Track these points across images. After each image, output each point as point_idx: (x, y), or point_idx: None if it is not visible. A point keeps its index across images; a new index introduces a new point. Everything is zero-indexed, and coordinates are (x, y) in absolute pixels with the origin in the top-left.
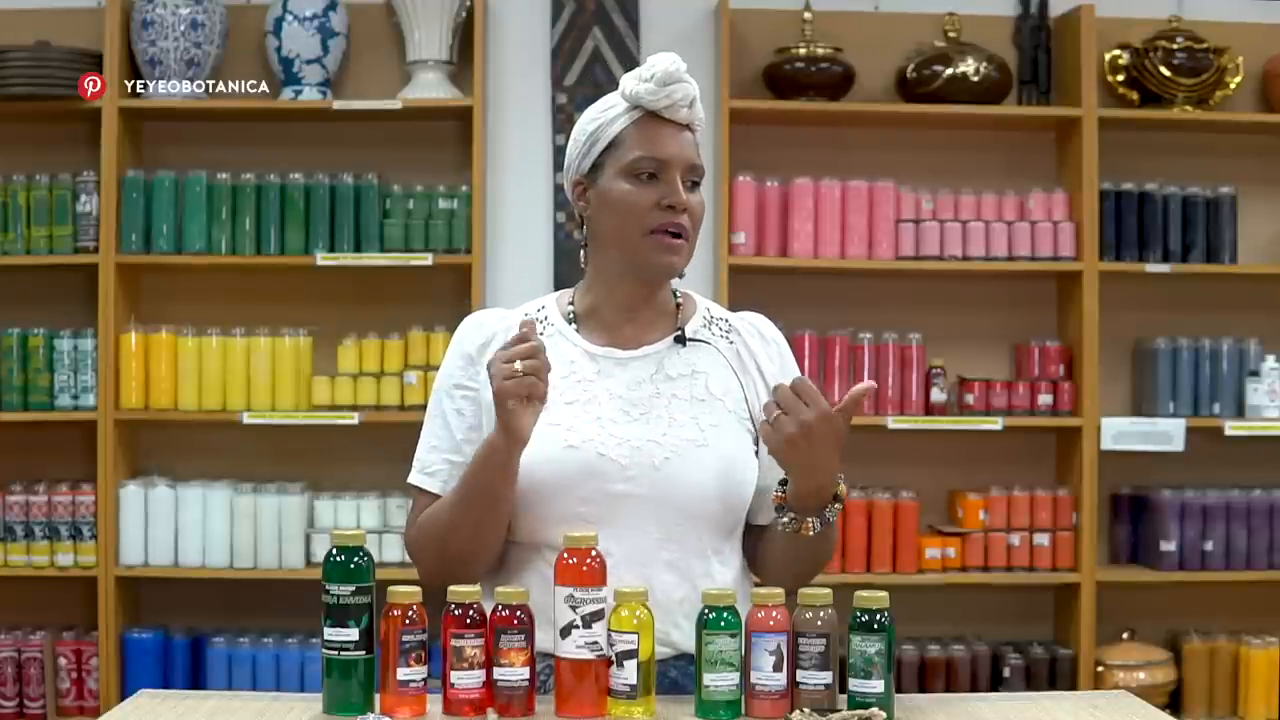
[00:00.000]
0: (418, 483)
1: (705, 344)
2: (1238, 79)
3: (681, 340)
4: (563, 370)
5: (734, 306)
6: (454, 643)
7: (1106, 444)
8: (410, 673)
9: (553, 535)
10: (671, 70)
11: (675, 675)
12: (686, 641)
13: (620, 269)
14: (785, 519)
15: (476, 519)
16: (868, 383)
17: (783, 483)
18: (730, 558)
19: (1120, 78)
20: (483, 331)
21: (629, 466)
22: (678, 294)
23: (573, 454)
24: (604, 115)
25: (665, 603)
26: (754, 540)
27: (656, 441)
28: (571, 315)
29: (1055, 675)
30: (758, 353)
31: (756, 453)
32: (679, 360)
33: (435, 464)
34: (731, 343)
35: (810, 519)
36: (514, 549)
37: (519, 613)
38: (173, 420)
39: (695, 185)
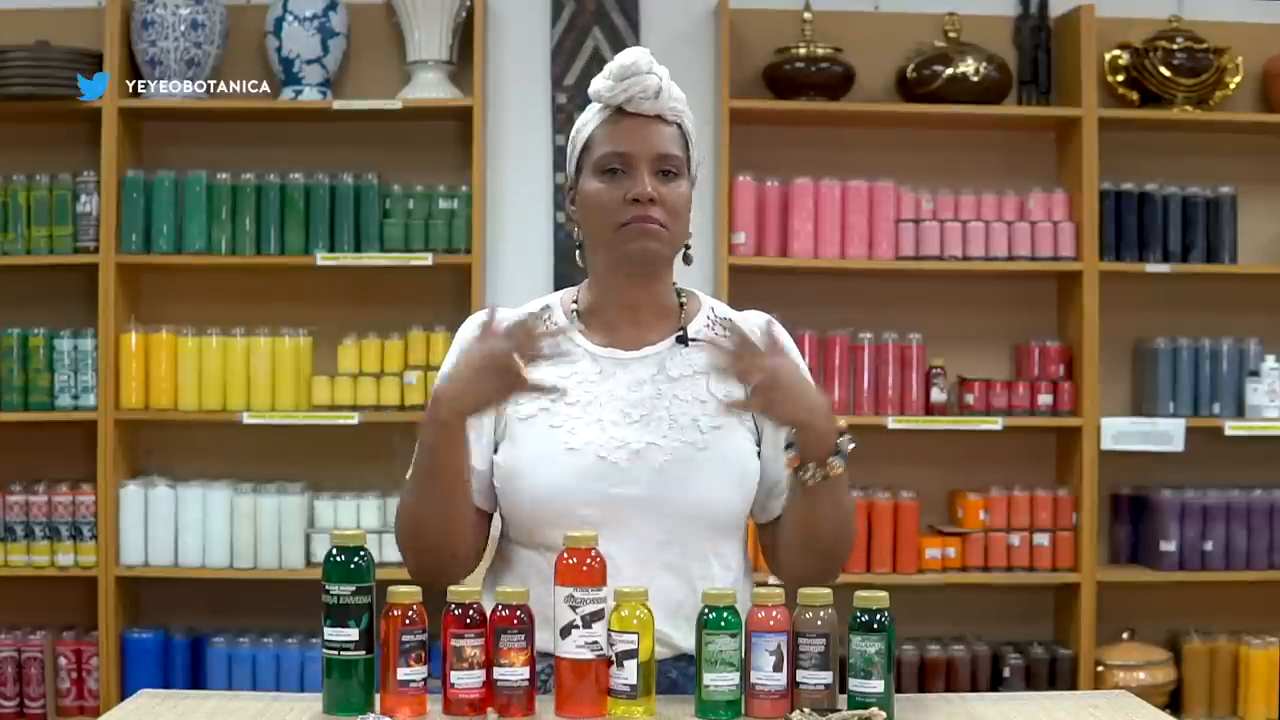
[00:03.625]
0: None
1: (708, 344)
2: (1238, 79)
3: (684, 341)
4: (564, 370)
5: (735, 306)
6: (454, 643)
7: (1106, 444)
8: (410, 673)
9: (552, 536)
10: (628, 64)
11: (675, 676)
12: (686, 642)
13: (608, 267)
14: (809, 473)
15: (442, 501)
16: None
17: (788, 446)
18: (731, 560)
19: (1120, 78)
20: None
21: (629, 469)
22: (682, 293)
23: (573, 456)
24: (583, 119)
25: (665, 604)
26: (769, 536)
27: (656, 444)
28: (575, 314)
29: (1055, 675)
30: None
31: (759, 454)
32: (681, 361)
33: None
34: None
35: (831, 459)
36: (514, 549)
37: (519, 613)
38: (173, 420)
39: (671, 175)
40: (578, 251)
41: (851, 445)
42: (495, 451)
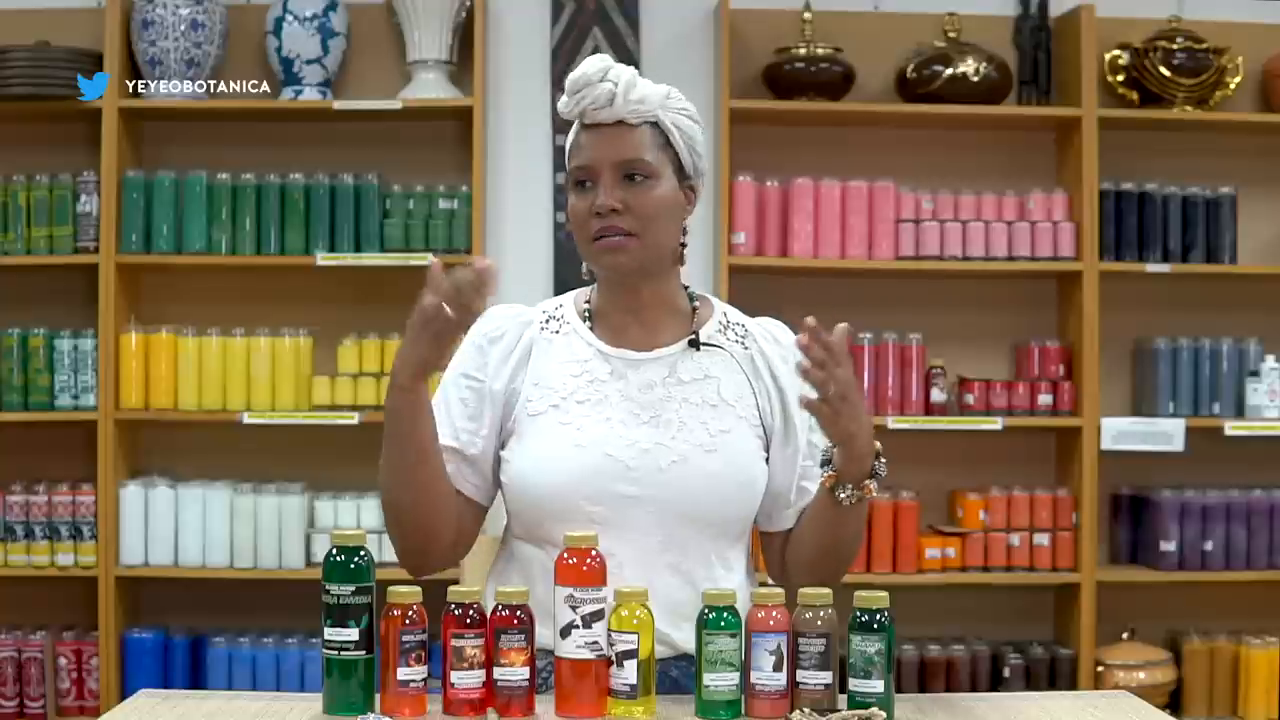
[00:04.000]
0: None
1: (719, 349)
2: (1238, 79)
3: (695, 344)
4: (575, 369)
5: (735, 306)
6: (454, 643)
7: (1106, 444)
8: (410, 673)
9: (557, 533)
10: (577, 76)
11: (676, 675)
12: (687, 642)
13: (600, 276)
14: (845, 492)
15: (410, 471)
16: (842, 326)
17: (824, 463)
18: (735, 564)
19: (1120, 78)
20: (494, 324)
21: (635, 468)
22: (695, 297)
23: (580, 453)
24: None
25: (667, 604)
26: (778, 546)
27: (665, 445)
28: (587, 314)
29: (1055, 675)
30: (772, 358)
31: (767, 460)
32: (692, 364)
33: None
34: (746, 348)
35: (867, 481)
36: (519, 546)
37: (519, 613)
38: (173, 420)
39: (639, 178)
40: (584, 263)
41: (885, 469)
42: (503, 447)
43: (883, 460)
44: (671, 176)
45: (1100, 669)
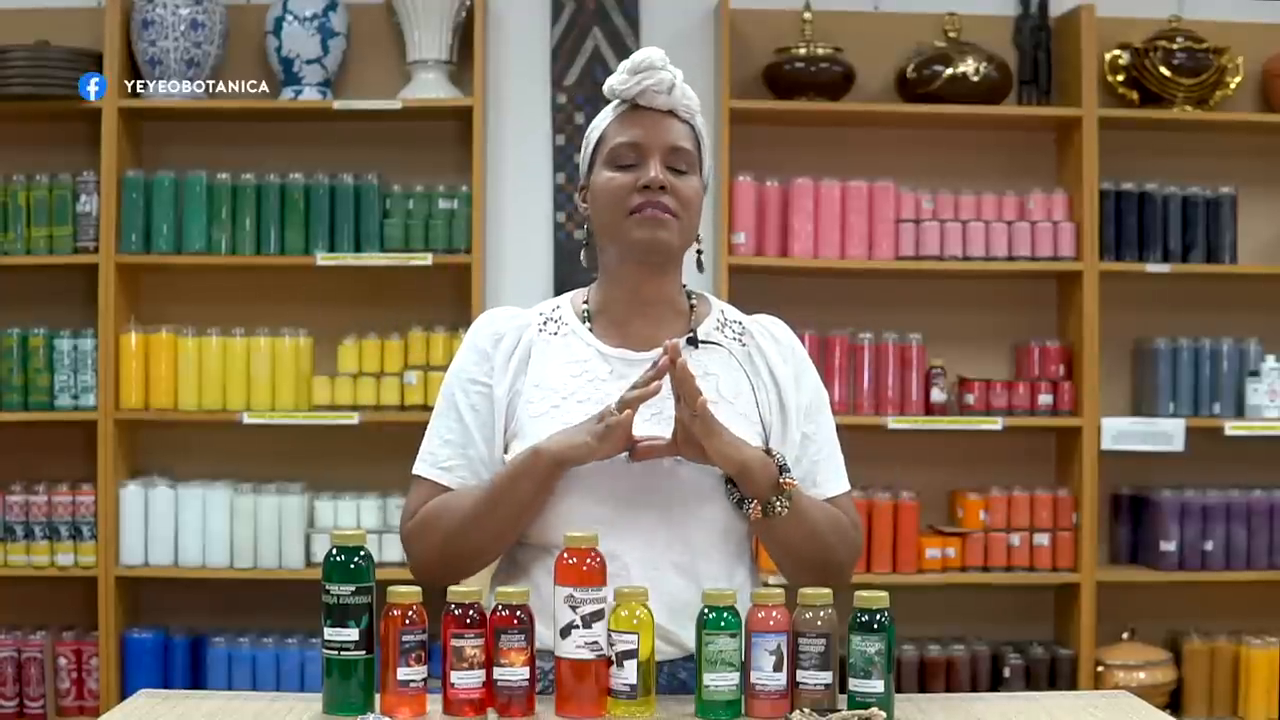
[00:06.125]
0: (429, 475)
1: (717, 346)
2: (1238, 79)
3: (693, 342)
4: (575, 370)
5: (735, 306)
6: (454, 643)
7: (1106, 444)
8: (410, 673)
9: (560, 535)
10: (641, 59)
11: (684, 676)
12: (694, 642)
13: (618, 260)
14: (777, 506)
15: (500, 526)
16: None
17: (738, 503)
18: (739, 560)
19: (1120, 78)
20: (495, 328)
21: (637, 467)
22: (693, 295)
23: None
24: (596, 120)
25: (673, 604)
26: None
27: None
28: (585, 314)
29: (1055, 675)
30: (770, 355)
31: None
32: (690, 362)
33: (450, 459)
34: (744, 345)
35: (783, 480)
36: (521, 549)
37: (519, 613)
38: (173, 420)
39: (682, 171)
40: (583, 251)
41: (783, 456)
42: (505, 450)
43: (774, 451)
44: (699, 176)
45: (1100, 669)
